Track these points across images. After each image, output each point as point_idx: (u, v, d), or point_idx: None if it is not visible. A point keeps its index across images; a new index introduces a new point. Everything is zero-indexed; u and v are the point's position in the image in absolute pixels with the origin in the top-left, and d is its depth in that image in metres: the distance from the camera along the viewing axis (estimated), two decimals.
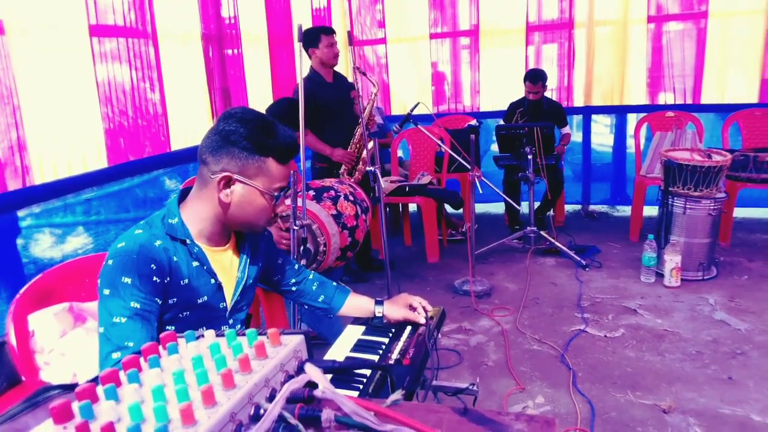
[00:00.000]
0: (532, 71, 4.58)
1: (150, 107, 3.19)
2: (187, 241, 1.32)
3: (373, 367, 1.12)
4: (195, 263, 1.34)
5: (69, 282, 1.63)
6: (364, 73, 3.47)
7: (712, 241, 3.49)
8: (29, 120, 2.53)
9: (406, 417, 0.62)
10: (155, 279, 1.24)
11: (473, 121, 4.92)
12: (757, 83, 4.60)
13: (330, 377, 0.74)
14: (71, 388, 1.24)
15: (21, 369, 1.48)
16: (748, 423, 2.14)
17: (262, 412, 0.62)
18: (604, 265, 3.82)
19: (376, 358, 1.43)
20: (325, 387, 0.64)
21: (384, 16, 5.52)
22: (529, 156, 3.93)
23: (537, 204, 4.35)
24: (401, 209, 4.71)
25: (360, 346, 1.51)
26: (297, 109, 2.35)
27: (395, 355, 1.42)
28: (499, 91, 5.29)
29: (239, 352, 0.70)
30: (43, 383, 1.45)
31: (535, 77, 4.46)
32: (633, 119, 5.05)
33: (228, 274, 1.42)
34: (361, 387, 1.24)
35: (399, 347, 1.46)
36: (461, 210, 4.58)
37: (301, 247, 2.12)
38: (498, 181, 4.57)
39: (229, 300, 1.43)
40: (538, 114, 4.55)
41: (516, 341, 2.87)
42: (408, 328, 1.58)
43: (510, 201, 4.00)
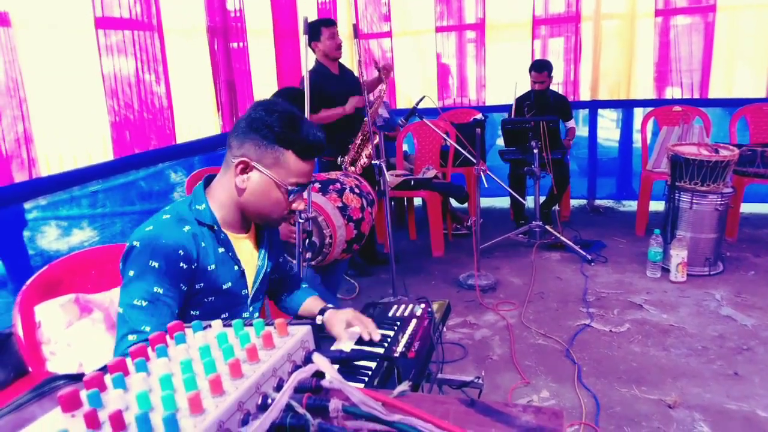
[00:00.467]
0: (537, 61, 4.59)
1: (155, 100, 3.18)
2: (215, 227, 1.34)
3: (381, 358, 1.12)
4: (221, 249, 1.36)
5: (75, 273, 1.63)
6: (379, 70, 3.47)
7: (718, 237, 3.47)
8: (35, 113, 2.54)
9: (413, 407, 0.61)
10: (182, 265, 1.25)
11: (479, 115, 4.91)
12: (765, 78, 4.56)
13: (336, 368, 0.74)
14: (77, 378, 1.25)
15: (28, 360, 1.48)
16: (753, 418, 2.13)
17: (269, 401, 0.62)
18: (609, 260, 3.81)
19: (381, 350, 1.43)
20: (333, 377, 0.64)
21: (390, 9, 5.50)
22: (535, 150, 3.92)
23: (542, 198, 4.33)
24: (406, 203, 4.71)
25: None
26: (302, 100, 2.35)
27: (400, 348, 1.42)
28: (505, 86, 5.26)
29: (246, 342, 0.70)
30: (50, 374, 1.46)
31: (540, 66, 4.46)
32: (640, 114, 5.02)
33: (249, 262, 1.44)
34: (367, 379, 1.24)
35: (404, 340, 1.46)
36: (466, 204, 4.57)
37: (307, 240, 2.12)
38: (503, 176, 4.56)
39: (251, 287, 1.45)
40: (545, 107, 4.53)
41: (521, 335, 2.87)
42: (413, 321, 1.57)
43: (515, 195, 3.99)
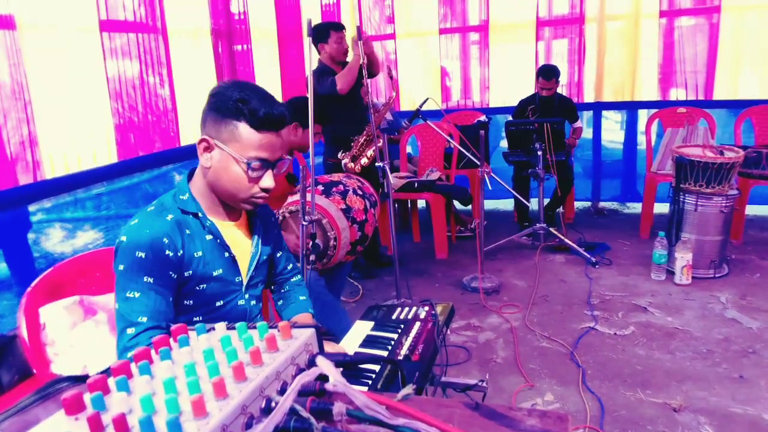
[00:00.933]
0: (545, 67, 4.53)
1: (160, 102, 3.19)
2: (200, 215, 1.35)
3: (385, 362, 1.11)
4: (209, 236, 1.37)
5: (80, 275, 1.64)
6: (392, 77, 3.49)
7: (723, 239, 3.45)
8: (40, 115, 2.55)
9: (417, 411, 0.61)
10: (168, 252, 1.27)
11: (482, 117, 4.92)
12: None
13: (340, 371, 0.74)
14: (81, 379, 1.25)
15: (32, 361, 1.49)
16: (760, 422, 2.11)
17: (273, 405, 0.62)
18: (614, 263, 3.80)
19: (385, 353, 1.43)
20: (337, 380, 0.64)
21: (393, 11, 5.51)
22: (539, 152, 3.91)
23: (546, 200, 4.32)
24: (410, 205, 4.71)
25: (369, 341, 1.51)
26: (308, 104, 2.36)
27: (404, 351, 1.42)
28: (509, 87, 5.27)
29: (250, 345, 0.70)
30: (54, 375, 1.46)
31: (549, 73, 4.43)
32: (644, 115, 5.01)
33: (241, 248, 1.45)
34: (370, 382, 1.24)
35: (408, 343, 1.46)
36: (470, 206, 4.57)
37: (311, 243, 2.11)
38: (507, 178, 4.55)
39: (245, 274, 1.46)
40: (549, 110, 4.52)
41: (525, 338, 2.86)
42: (417, 323, 1.57)
43: (519, 197, 3.97)
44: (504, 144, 4.61)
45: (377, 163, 2.86)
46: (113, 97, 2.92)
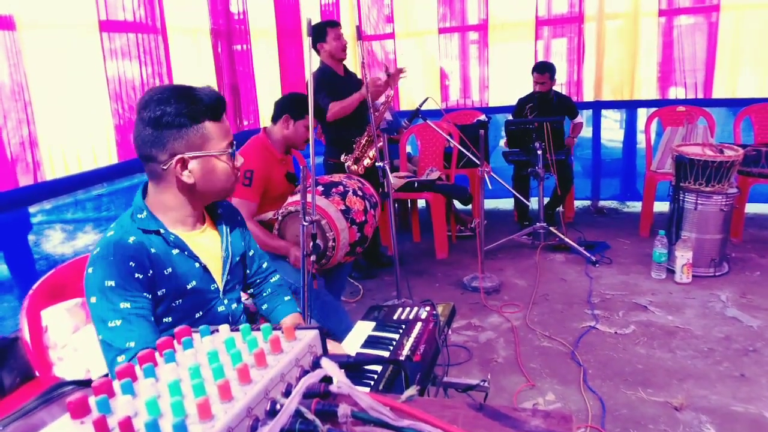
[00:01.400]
0: (538, 62, 4.62)
1: None
2: (161, 231, 1.32)
3: (389, 363, 1.12)
4: (175, 251, 1.34)
5: (81, 277, 1.63)
6: (389, 75, 3.48)
7: (723, 237, 3.46)
8: (40, 116, 2.54)
9: (422, 412, 0.61)
10: (137, 275, 1.24)
11: (482, 117, 4.92)
12: None
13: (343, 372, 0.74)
14: (85, 383, 1.25)
15: (35, 364, 1.49)
16: (761, 420, 2.12)
17: (278, 407, 0.62)
18: (614, 261, 3.80)
19: (386, 354, 1.43)
20: (342, 382, 0.64)
21: (392, 10, 5.51)
22: (539, 151, 3.91)
23: (546, 200, 4.33)
24: (410, 205, 4.71)
25: (370, 342, 1.52)
26: (305, 101, 2.34)
27: (406, 352, 1.42)
28: (508, 86, 5.26)
29: (254, 346, 0.70)
30: (57, 379, 1.46)
31: (542, 68, 4.48)
32: (643, 114, 5.01)
33: (212, 255, 1.42)
34: (372, 383, 1.24)
35: (409, 343, 1.46)
36: (470, 206, 4.57)
37: (311, 243, 2.11)
38: (507, 177, 4.55)
39: (220, 280, 1.43)
40: (548, 109, 4.53)
41: (526, 338, 2.86)
42: (419, 324, 1.57)
43: (519, 197, 3.98)
44: (503, 143, 4.61)
45: (377, 163, 2.86)
46: (113, 98, 2.92)
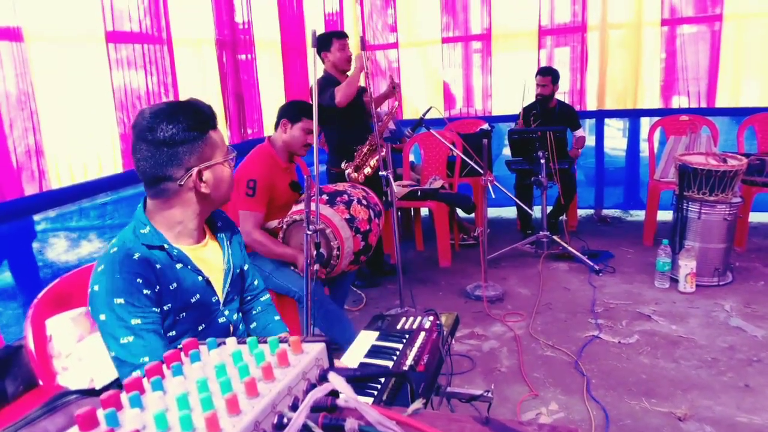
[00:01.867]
0: (543, 66, 4.68)
1: None
2: (165, 246, 1.33)
3: (396, 376, 1.12)
4: (179, 265, 1.35)
5: (86, 286, 1.64)
6: (394, 87, 3.50)
7: (727, 247, 3.45)
8: (46, 125, 2.56)
9: (429, 427, 0.61)
10: (145, 291, 1.25)
11: (485, 125, 4.93)
12: None
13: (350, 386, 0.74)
14: (89, 393, 1.26)
15: (39, 373, 1.49)
16: (765, 431, 2.11)
17: (285, 420, 0.62)
18: (617, 271, 3.79)
19: (390, 364, 1.43)
20: (349, 396, 0.64)
21: (396, 20, 5.54)
22: (542, 160, 3.92)
23: (549, 208, 4.33)
24: (413, 214, 4.71)
25: (374, 351, 1.51)
26: (302, 104, 2.35)
27: (409, 361, 1.42)
28: (512, 96, 5.28)
29: (262, 360, 0.70)
30: (61, 388, 1.46)
31: (544, 71, 4.54)
32: (646, 123, 5.02)
33: (213, 268, 1.44)
34: (375, 393, 1.24)
35: (413, 353, 1.46)
36: (473, 214, 4.57)
37: (315, 252, 2.12)
38: (510, 186, 4.55)
39: (221, 293, 1.45)
40: (551, 117, 4.54)
41: (529, 347, 2.86)
42: (422, 334, 1.57)
43: (522, 205, 3.98)
44: (507, 152, 4.62)
45: (381, 172, 2.87)
46: (119, 107, 2.94)
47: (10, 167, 2.44)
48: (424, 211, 4.84)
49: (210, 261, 1.43)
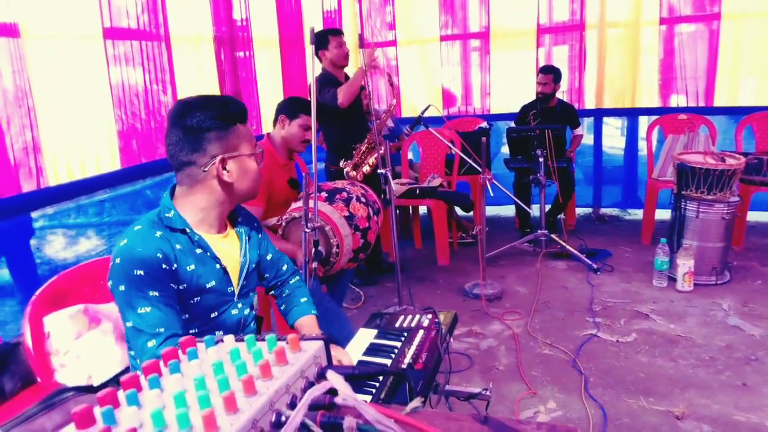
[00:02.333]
0: (544, 65, 4.67)
1: (162, 109, 3.20)
2: (187, 230, 1.38)
3: (394, 375, 1.12)
4: (198, 250, 1.39)
5: (84, 284, 1.64)
6: (392, 84, 3.49)
7: (725, 246, 3.46)
8: (43, 122, 2.56)
9: (427, 425, 0.61)
10: (164, 266, 1.30)
11: (484, 124, 4.93)
12: None
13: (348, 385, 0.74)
14: (86, 390, 1.26)
15: (36, 370, 1.49)
16: (762, 430, 2.11)
17: (283, 419, 0.62)
18: (615, 269, 3.80)
19: (388, 362, 1.43)
20: (347, 395, 0.64)
21: (394, 18, 5.53)
22: (540, 159, 3.92)
23: (548, 207, 4.33)
24: (411, 212, 4.71)
25: (372, 349, 1.52)
26: (300, 100, 2.35)
27: (408, 360, 1.42)
28: (510, 94, 5.28)
29: (259, 358, 0.70)
30: (58, 385, 1.46)
31: (546, 68, 4.53)
32: (645, 122, 5.02)
33: (231, 259, 1.47)
34: (374, 391, 1.24)
35: (411, 351, 1.46)
36: (472, 213, 4.57)
37: (314, 249, 2.12)
38: (509, 184, 4.55)
39: (236, 284, 1.48)
40: (551, 116, 4.54)
41: (527, 345, 2.86)
42: (420, 332, 1.57)
43: (521, 204, 3.98)
44: (505, 150, 4.62)
45: (379, 170, 2.87)
46: (116, 104, 2.93)
47: (7, 164, 2.43)
48: (422, 210, 4.84)
49: (229, 252, 1.47)
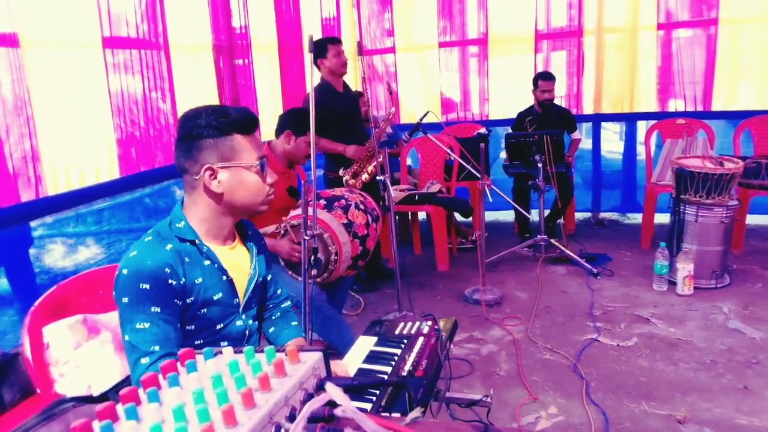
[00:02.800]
0: (544, 71, 4.66)
1: (161, 117, 3.21)
2: (196, 242, 1.37)
3: (393, 385, 1.11)
4: (206, 262, 1.38)
5: (83, 294, 1.64)
6: (390, 92, 3.50)
7: (724, 249, 3.46)
8: (42, 131, 2.56)
9: None
10: (171, 281, 1.28)
11: (482, 130, 4.94)
12: None
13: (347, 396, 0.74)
14: (86, 400, 1.25)
15: (36, 381, 1.48)
16: None
17: None
18: (615, 274, 3.80)
19: (388, 369, 1.43)
20: (347, 407, 0.64)
21: (393, 25, 5.54)
22: (539, 164, 3.92)
23: (547, 212, 4.33)
24: (411, 218, 4.71)
25: (372, 357, 1.51)
26: (307, 117, 2.35)
27: (408, 367, 1.42)
28: (508, 99, 5.29)
29: (258, 370, 0.70)
30: (58, 395, 1.45)
31: (548, 75, 4.53)
32: (643, 126, 5.03)
33: (239, 270, 1.46)
34: (374, 399, 1.24)
35: (412, 359, 1.45)
36: (471, 218, 4.57)
37: (312, 257, 2.12)
38: (507, 189, 4.56)
39: (242, 296, 1.47)
40: (547, 122, 4.54)
41: (528, 350, 2.85)
42: (420, 339, 1.57)
43: (520, 209, 3.99)
44: (504, 156, 4.62)
45: (378, 177, 2.87)
46: (115, 113, 2.93)
47: (6, 173, 2.43)
48: (421, 215, 4.84)
49: (237, 264, 1.46)
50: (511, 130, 4.76)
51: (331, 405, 0.66)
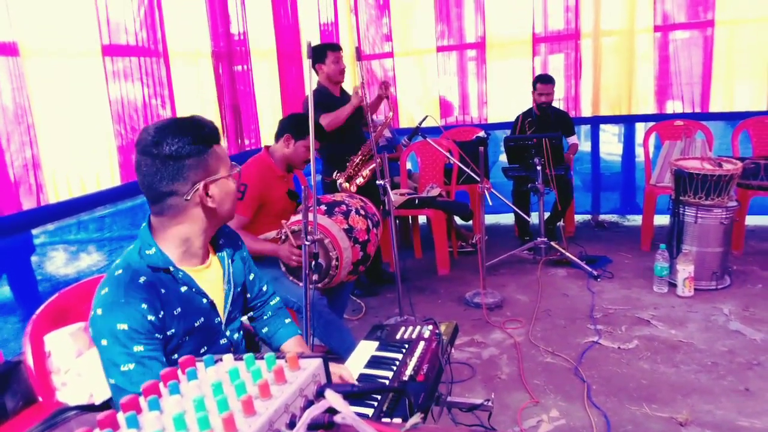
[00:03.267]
0: (543, 74, 4.66)
1: None
2: (170, 269, 1.31)
3: (392, 392, 1.12)
4: (183, 288, 1.33)
5: (85, 301, 1.64)
6: (387, 97, 3.52)
7: (724, 250, 3.46)
8: (43, 139, 2.57)
9: None
10: (150, 318, 1.23)
11: (481, 133, 4.95)
12: (766, 90, 4.58)
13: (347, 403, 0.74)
14: (88, 409, 1.25)
15: (38, 389, 1.49)
16: None
17: None
18: (615, 276, 3.80)
19: (390, 374, 1.43)
20: (347, 414, 0.64)
21: (391, 30, 5.56)
22: (538, 167, 3.93)
23: (547, 214, 4.34)
24: (411, 222, 4.72)
25: (374, 362, 1.52)
26: (308, 123, 2.35)
27: (409, 372, 1.42)
28: (507, 103, 5.31)
29: (258, 377, 0.70)
30: (60, 404, 1.46)
31: (547, 78, 4.54)
32: (641, 128, 5.04)
33: (216, 288, 1.43)
34: (376, 404, 1.24)
35: (413, 363, 1.46)
36: (471, 222, 4.58)
37: (313, 263, 2.12)
38: (507, 193, 4.56)
39: (223, 314, 1.44)
40: (546, 124, 4.56)
41: (529, 354, 2.85)
42: (421, 343, 1.58)
43: (520, 212, 3.99)
44: (503, 159, 4.63)
45: (378, 181, 2.88)
46: (116, 120, 2.94)
47: (7, 182, 2.44)
48: (422, 219, 4.85)
49: (213, 282, 1.42)
50: (511, 131, 4.77)
51: (331, 412, 0.67)
